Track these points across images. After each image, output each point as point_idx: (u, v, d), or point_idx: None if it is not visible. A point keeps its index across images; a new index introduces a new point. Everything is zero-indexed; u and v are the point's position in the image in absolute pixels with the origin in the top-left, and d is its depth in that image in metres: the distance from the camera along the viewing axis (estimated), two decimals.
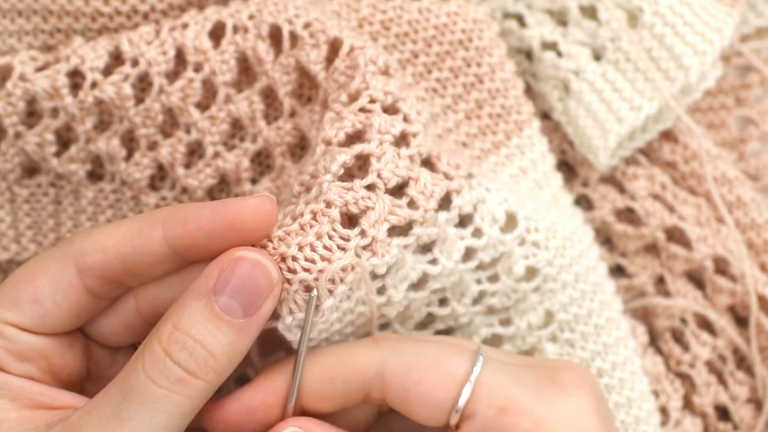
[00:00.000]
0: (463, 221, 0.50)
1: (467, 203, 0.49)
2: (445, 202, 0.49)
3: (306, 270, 0.44)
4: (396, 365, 0.45)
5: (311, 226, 0.44)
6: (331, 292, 0.44)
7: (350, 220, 0.46)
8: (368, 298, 0.46)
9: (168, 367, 0.42)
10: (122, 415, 0.41)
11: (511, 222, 0.51)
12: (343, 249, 0.44)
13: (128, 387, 0.42)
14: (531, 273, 0.53)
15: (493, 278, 0.51)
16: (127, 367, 0.43)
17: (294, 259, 0.44)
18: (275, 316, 0.45)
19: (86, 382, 0.50)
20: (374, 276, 0.46)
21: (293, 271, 0.44)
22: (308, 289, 0.44)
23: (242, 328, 0.43)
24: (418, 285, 0.49)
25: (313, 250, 0.44)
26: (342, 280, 0.44)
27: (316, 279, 0.44)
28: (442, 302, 0.51)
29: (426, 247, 0.49)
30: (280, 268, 0.44)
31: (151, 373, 0.42)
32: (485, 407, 0.44)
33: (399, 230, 0.47)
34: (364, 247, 0.45)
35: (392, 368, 0.45)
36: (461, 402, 0.44)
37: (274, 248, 0.44)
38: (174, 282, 0.46)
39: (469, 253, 0.50)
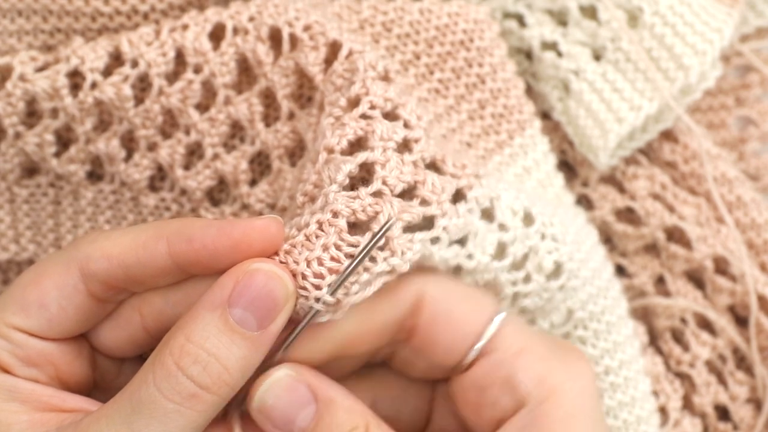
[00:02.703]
0: (487, 217, 0.49)
1: (482, 196, 0.48)
2: (459, 197, 0.48)
3: (316, 287, 0.43)
4: (433, 291, 0.45)
5: (317, 237, 0.44)
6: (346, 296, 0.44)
7: (356, 229, 0.46)
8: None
9: (180, 382, 0.41)
10: (132, 428, 0.41)
11: (527, 217, 0.51)
12: (351, 256, 0.44)
13: (138, 399, 0.41)
14: (557, 269, 0.52)
15: (527, 279, 0.51)
16: (137, 378, 0.42)
17: (303, 276, 0.43)
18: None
19: (94, 392, 0.49)
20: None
21: (303, 289, 0.43)
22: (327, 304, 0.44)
23: (256, 341, 0.42)
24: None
25: (320, 264, 0.43)
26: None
27: (334, 292, 0.44)
28: None
29: (460, 243, 0.48)
30: None
31: (162, 387, 0.41)
32: (505, 347, 0.45)
33: (425, 228, 0.46)
34: (381, 248, 0.44)
35: (430, 294, 0.45)
36: (489, 332, 0.45)
37: (281, 261, 0.44)
38: (180, 299, 0.46)
39: (501, 249, 0.49)
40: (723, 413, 0.62)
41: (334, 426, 0.43)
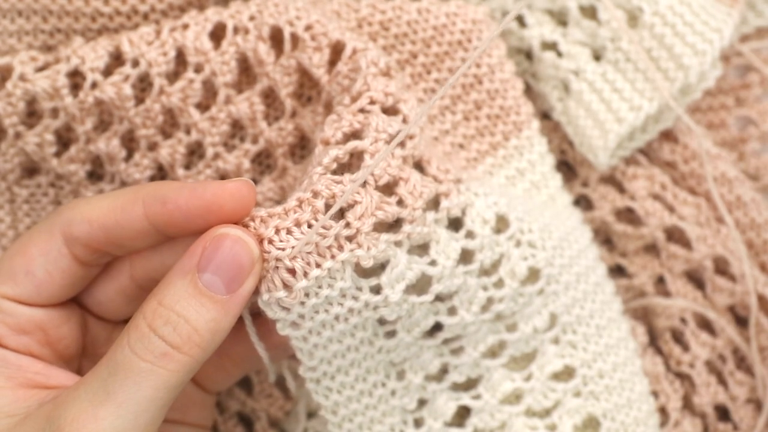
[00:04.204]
0: (455, 225, 0.50)
1: (455, 206, 0.49)
2: (433, 204, 0.49)
3: (280, 249, 0.44)
4: None
5: (294, 212, 0.45)
6: (306, 274, 0.45)
7: (341, 215, 0.46)
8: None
9: (152, 341, 0.42)
10: (108, 390, 0.42)
11: (502, 223, 0.51)
12: (322, 237, 0.45)
13: (114, 362, 0.43)
14: (534, 275, 0.53)
15: (499, 284, 0.51)
16: (114, 344, 0.44)
17: (270, 241, 0.44)
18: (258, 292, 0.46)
19: (83, 359, 0.50)
20: (363, 271, 0.47)
21: (267, 253, 0.44)
22: (291, 271, 0.44)
23: (225, 304, 0.44)
24: (419, 288, 0.49)
25: (289, 233, 0.44)
26: (319, 265, 0.45)
27: (294, 258, 0.44)
28: (451, 311, 0.51)
29: (423, 249, 0.49)
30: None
31: (136, 347, 0.42)
32: None
33: (391, 229, 0.47)
34: (349, 239, 0.45)
35: None
36: None
37: (255, 228, 0.45)
38: (165, 248, 0.48)
39: (467, 255, 0.50)
40: (723, 413, 0.62)
41: None
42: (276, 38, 0.54)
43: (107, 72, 0.54)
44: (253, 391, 0.60)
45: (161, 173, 0.57)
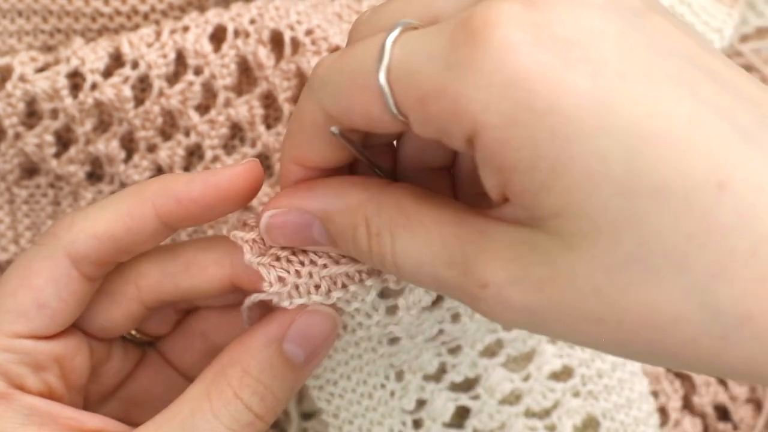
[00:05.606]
0: None
1: None
2: None
3: (313, 264, 0.43)
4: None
5: None
6: (329, 292, 0.44)
7: None
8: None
9: (240, 410, 0.42)
10: None
11: None
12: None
13: (191, 425, 0.42)
14: None
15: None
16: (185, 405, 0.43)
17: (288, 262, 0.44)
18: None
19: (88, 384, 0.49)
20: (387, 296, 0.46)
21: (303, 265, 0.43)
22: (316, 287, 0.44)
23: (303, 371, 0.44)
24: (432, 305, 0.49)
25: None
26: (345, 286, 0.44)
27: (324, 277, 0.44)
28: (454, 318, 0.51)
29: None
30: (277, 255, 0.43)
31: (221, 415, 0.42)
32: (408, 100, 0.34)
33: None
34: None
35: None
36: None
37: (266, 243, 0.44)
38: (178, 270, 0.46)
39: None
40: (723, 413, 0.62)
41: (339, 235, 0.41)
42: (277, 42, 0.54)
43: (107, 73, 0.54)
44: None
45: (160, 174, 0.57)
